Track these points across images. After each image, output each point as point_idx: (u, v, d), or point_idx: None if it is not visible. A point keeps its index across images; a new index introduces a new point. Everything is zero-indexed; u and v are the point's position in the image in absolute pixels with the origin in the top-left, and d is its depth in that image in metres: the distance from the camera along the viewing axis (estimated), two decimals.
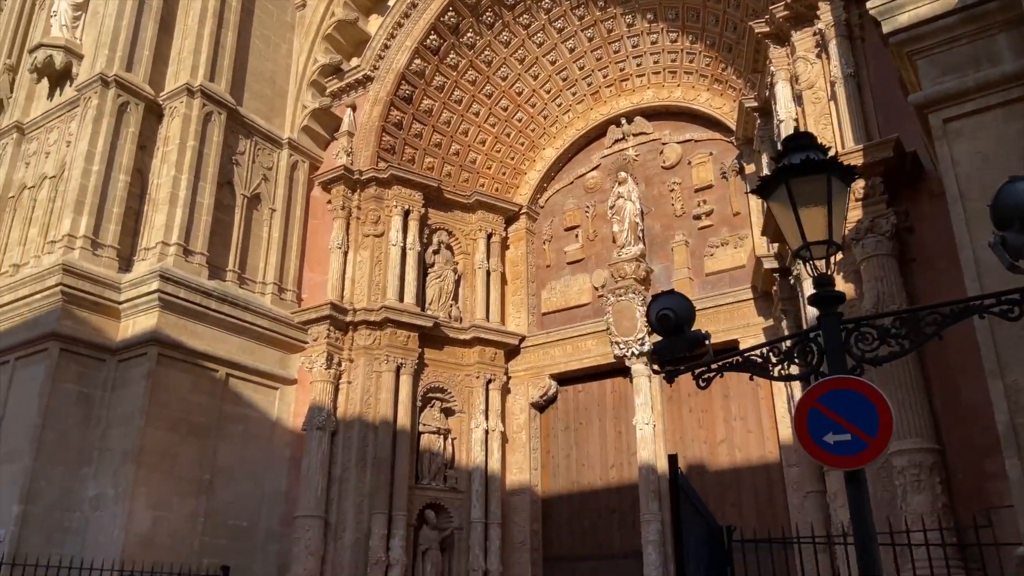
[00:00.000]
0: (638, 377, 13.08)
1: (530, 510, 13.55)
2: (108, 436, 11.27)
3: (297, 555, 11.76)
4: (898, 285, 8.65)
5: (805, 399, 4.03)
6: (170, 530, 11.19)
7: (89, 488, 11.06)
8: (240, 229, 13.56)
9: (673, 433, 12.95)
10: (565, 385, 14.33)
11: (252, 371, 12.97)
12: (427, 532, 12.67)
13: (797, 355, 4.30)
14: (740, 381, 12.58)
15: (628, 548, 12.68)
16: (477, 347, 14.04)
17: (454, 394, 13.78)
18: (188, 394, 11.94)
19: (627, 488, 12.98)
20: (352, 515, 12.14)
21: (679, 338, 4.32)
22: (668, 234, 13.92)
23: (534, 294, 15.17)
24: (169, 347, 11.72)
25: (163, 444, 11.37)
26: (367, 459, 12.50)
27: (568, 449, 13.96)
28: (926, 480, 7.68)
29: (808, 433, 4.00)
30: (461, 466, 13.40)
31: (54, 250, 11.77)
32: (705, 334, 4.46)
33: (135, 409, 11.22)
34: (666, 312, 4.27)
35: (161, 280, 11.60)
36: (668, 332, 4.33)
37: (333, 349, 13.13)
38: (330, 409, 12.73)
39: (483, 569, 12.68)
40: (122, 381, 11.58)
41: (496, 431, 13.72)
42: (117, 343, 11.76)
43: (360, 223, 14.09)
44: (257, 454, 12.72)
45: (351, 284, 13.74)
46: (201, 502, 11.69)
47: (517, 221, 15.52)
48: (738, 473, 12.18)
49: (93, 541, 10.64)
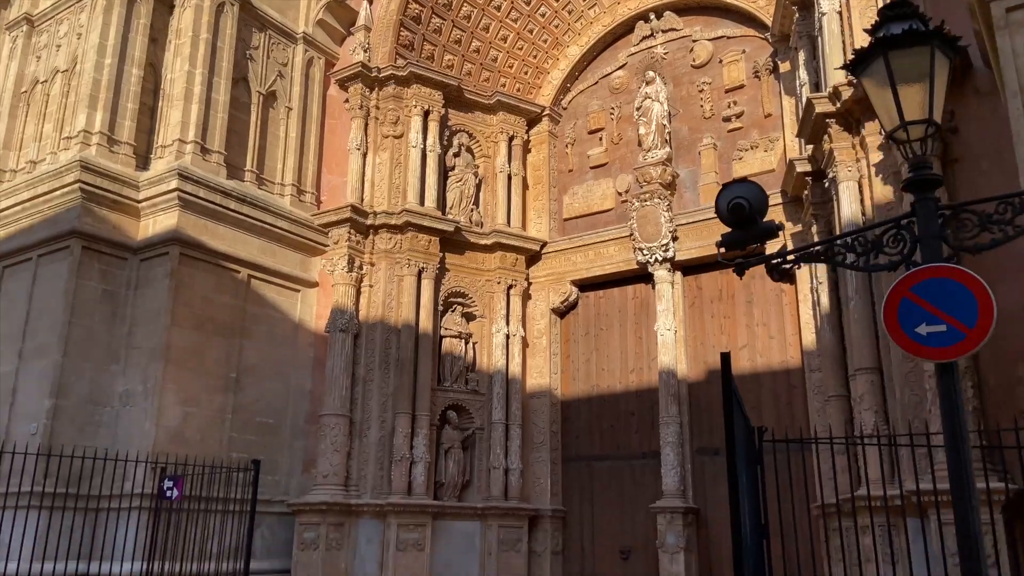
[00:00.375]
0: (661, 283, 12.98)
1: (549, 412, 13.73)
2: (134, 334, 11.36)
3: (323, 451, 12.02)
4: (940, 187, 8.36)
5: (897, 289, 3.85)
6: (199, 425, 11.42)
7: (118, 384, 11.23)
8: (257, 128, 13.27)
9: (694, 339, 12.95)
10: (586, 291, 14.28)
11: (273, 273, 12.94)
12: (449, 432, 12.90)
13: (887, 244, 4.08)
14: (764, 287, 12.49)
15: (646, 449, 12.90)
16: (498, 252, 13.93)
17: (475, 299, 13.77)
18: (211, 294, 11.96)
19: (646, 392, 13.09)
20: (376, 414, 12.34)
21: (752, 229, 4.10)
22: (696, 137, 13.53)
23: (556, 199, 14.93)
24: (190, 247, 11.65)
25: (189, 342, 11.46)
26: (390, 361, 12.61)
27: (588, 354, 14.03)
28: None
29: (898, 324, 3.84)
30: (482, 369, 13.51)
31: (70, 146, 11.57)
32: (779, 225, 4.26)
33: (160, 308, 11.26)
34: (740, 201, 4.04)
35: (180, 179, 11.42)
36: (740, 223, 4.11)
37: (354, 252, 13.04)
38: (352, 312, 12.75)
39: (503, 467, 12.96)
40: (145, 280, 11.59)
41: (517, 336, 13.75)
42: (138, 242, 11.70)
43: (379, 123, 13.75)
44: (281, 354, 12.84)
45: (371, 186, 13.53)
46: (228, 399, 11.89)
47: (539, 123, 15.11)
48: (758, 378, 12.22)
49: (125, 435, 10.87)
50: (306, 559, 11.46)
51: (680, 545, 11.66)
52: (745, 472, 5.45)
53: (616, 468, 13.17)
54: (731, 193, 4.13)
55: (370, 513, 11.82)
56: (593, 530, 13.10)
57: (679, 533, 11.69)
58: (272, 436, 12.52)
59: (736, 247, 4.18)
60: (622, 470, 13.10)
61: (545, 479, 13.37)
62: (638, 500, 12.67)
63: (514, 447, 13.13)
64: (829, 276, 10.58)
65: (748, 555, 4.00)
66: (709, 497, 12.13)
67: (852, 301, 9.14)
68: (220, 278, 12.14)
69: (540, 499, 13.25)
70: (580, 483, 13.45)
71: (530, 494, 13.25)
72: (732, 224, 4.15)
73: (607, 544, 12.89)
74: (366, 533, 11.76)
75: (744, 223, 4.10)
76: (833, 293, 10.56)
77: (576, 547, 13.18)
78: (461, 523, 12.48)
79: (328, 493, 11.68)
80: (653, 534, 12.08)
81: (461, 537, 12.42)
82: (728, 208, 4.09)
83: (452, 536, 12.33)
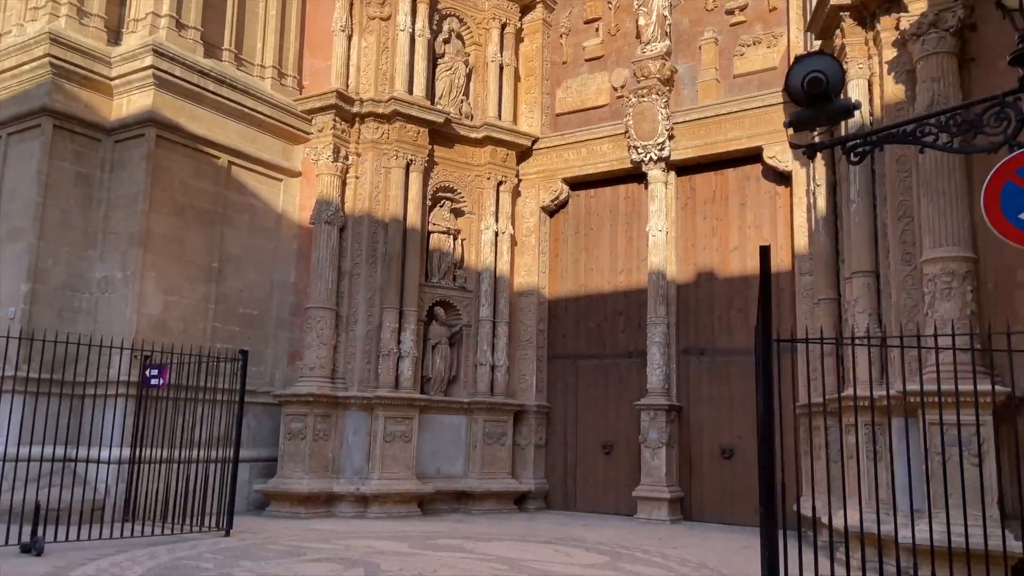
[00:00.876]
0: (654, 183, 12.74)
1: (537, 311, 13.70)
2: (111, 218, 10.95)
3: (310, 344, 11.91)
4: (955, 87, 8.11)
5: (1000, 172, 3.61)
6: (182, 314, 11.21)
7: (96, 270, 10.90)
8: (235, 5, 12.47)
9: (685, 241, 12.83)
10: (577, 190, 13.99)
11: (254, 160, 12.46)
12: (436, 327, 12.84)
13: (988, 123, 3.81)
14: (759, 189, 12.33)
15: (632, 348, 12.98)
16: (488, 147, 13.51)
17: (464, 195, 13.44)
18: (190, 179, 11.51)
19: (635, 293, 13.06)
20: (363, 308, 12.19)
21: (828, 107, 3.79)
22: (696, 30, 12.99)
23: (548, 93, 14.40)
24: (167, 129, 11.11)
25: (169, 229, 11.10)
26: (377, 255, 12.37)
27: (577, 254, 13.89)
28: (957, 288, 7.60)
29: (1000, 210, 3.62)
30: (470, 266, 13.34)
31: (37, 17, 10.78)
32: (856, 103, 3.97)
33: (137, 192, 10.82)
34: (818, 75, 3.71)
35: (155, 55, 10.75)
36: (815, 100, 3.79)
37: (339, 141, 12.56)
38: (338, 204, 12.39)
39: (490, 363, 13.00)
40: (120, 163, 11.08)
41: (506, 233, 13.54)
42: (112, 122, 11.11)
43: (364, 3, 12.99)
44: (264, 244, 12.54)
45: (356, 72, 12.90)
46: (211, 288, 11.64)
47: (533, 11, 14.40)
48: (747, 280, 12.19)
49: (105, 322, 10.64)
50: (293, 448, 11.53)
51: (662, 441, 11.91)
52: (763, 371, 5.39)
53: (601, 367, 13.28)
54: (807, 66, 3.80)
55: (357, 405, 11.85)
56: (576, 426, 13.32)
57: (662, 429, 11.92)
58: (256, 328, 12.37)
59: (807, 126, 3.89)
60: (607, 368, 13.21)
61: (531, 376, 13.47)
62: (622, 398, 12.84)
63: (501, 344, 13.15)
64: (827, 179, 10.42)
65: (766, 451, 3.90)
66: (692, 396, 12.33)
67: (855, 204, 9.00)
68: (199, 163, 11.66)
69: (525, 395, 13.38)
70: (565, 381, 13.58)
71: (515, 390, 13.37)
72: (806, 101, 3.81)
73: (590, 439, 13.14)
74: (353, 425, 11.83)
75: (819, 100, 3.77)
76: (831, 197, 10.42)
77: (559, 441, 13.43)
78: (447, 417, 12.60)
79: (315, 385, 11.65)
80: (635, 430, 12.32)
81: (447, 430, 12.57)
82: (805, 82, 3.74)
83: (438, 429, 12.47)
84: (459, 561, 7.96)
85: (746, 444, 11.69)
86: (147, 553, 7.87)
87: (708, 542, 9.82)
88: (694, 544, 9.60)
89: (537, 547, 9.07)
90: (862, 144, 4.05)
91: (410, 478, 11.78)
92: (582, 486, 13.10)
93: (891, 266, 8.49)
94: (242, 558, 7.77)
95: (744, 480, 11.56)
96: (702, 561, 8.34)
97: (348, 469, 11.72)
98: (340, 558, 7.92)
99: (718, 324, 12.38)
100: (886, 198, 8.67)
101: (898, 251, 8.40)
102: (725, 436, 11.94)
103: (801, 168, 11.50)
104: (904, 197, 8.44)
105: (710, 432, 12.10)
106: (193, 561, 7.54)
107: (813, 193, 10.75)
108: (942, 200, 7.84)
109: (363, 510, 11.45)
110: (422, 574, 7.19)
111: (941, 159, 7.76)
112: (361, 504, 11.49)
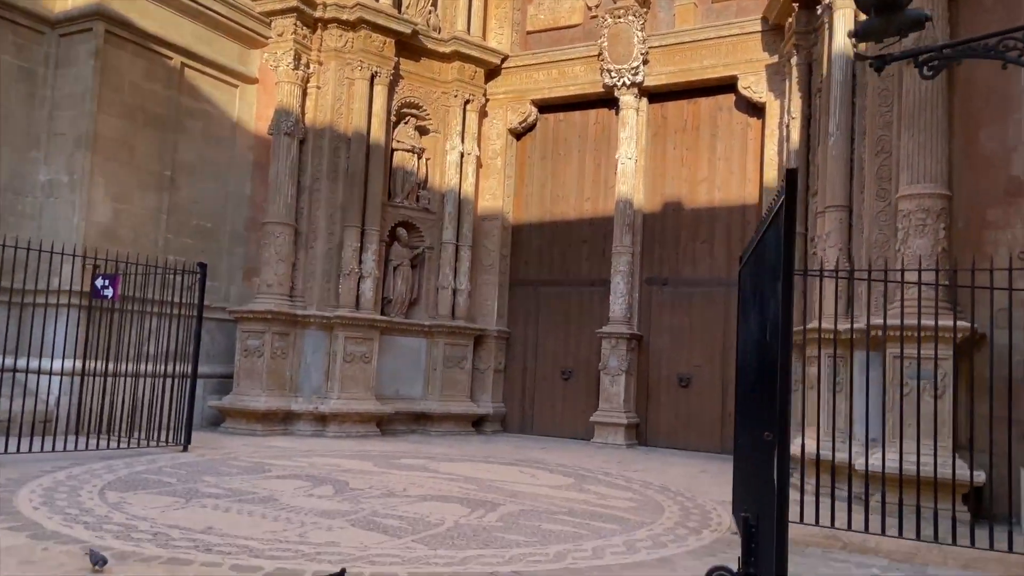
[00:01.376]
0: (626, 109, 12.51)
1: (500, 235, 13.51)
2: (56, 119, 10.22)
3: (267, 260, 11.51)
4: (944, 20, 8.03)
5: None
6: (132, 224, 10.67)
7: (40, 172, 10.23)
8: None
9: (654, 170, 12.72)
10: (546, 113, 13.66)
11: (209, 63, 11.76)
12: (398, 249, 12.56)
13: None
14: (731, 120, 12.23)
15: (595, 277, 12.95)
16: (456, 62, 13.02)
17: (430, 112, 12.98)
18: (141, 81, 10.79)
19: (601, 221, 12.95)
20: (324, 226, 11.80)
21: (898, 16, 3.55)
22: None
23: (519, 9, 13.87)
24: (116, 24, 10.33)
25: (118, 132, 10.44)
26: (339, 171, 11.92)
27: (544, 179, 13.66)
28: (931, 225, 7.69)
29: None
30: (434, 188, 13.00)
31: None
32: (927, 14, 3.74)
33: (84, 91, 10.10)
34: None
35: None
36: (884, 8, 3.54)
37: (300, 48, 11.89)
38: (298, 115, 11.81)
39: (452, 287, 12.84)
40: (66, 59, 10.29)
41: (471, 155, 13.20)
42: (56, 15, 10.27)
43: None
44: (219, 154, 11.95)
45: None
46: (164, 198, 11.09)
47: None
48: (714, 212, 12.22)
49: (51, 228, 10.05)
50: (249, 365, 11.26)
51: (622, 368, 12.03)
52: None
53: (564, 294, 13.25)
54: None
55: (317, 325, 11.59)
56: (536, 352, 13.34)
57: (622, 357, 12.03)
58: (210, 241, 11.90)
59: (875, 38, 3.65)
60: (570, 296, 13.19)
61: (492, 301, 13.37)
62: (583, 326, 12.88)
63: (463, 268, 12.97)
64: (803, 111, 10.36)
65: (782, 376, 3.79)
66: (653, 325, 12.43)
67: (833, 137, 8.95)
68: (151, 63, 10.93)
69: (486, 320, 13.30)
70: (527, 307, 13.53)
71: (476, 315, 13.27)
72: (874, 8, 3.57)
73: (549, 365, 13.20)
74: (312, 344, 11.59)
75: (888, 8, 3.53)
76: (804, 130, 10.39)
77: (518, 367, 13.47)
78: (408, 339, 12.46)
79: (273, 302, 11.32)
80: (595, 358, 12.41)
81: (407, 352, 12.45)
82: None
83: (398, 351, 12.34)
84: (427, 480, 7.95)
85: (703, 373, 11.91)
86: (104, 466, 7.63)
87: (667, 466, 10.05)
88: (653, 468, 9.81)
89: (501, 468, 9.13)
90: (937, 56, 3.86)
91: (370, 399, 11.68)
92: (539, 410, 13.22)
93: (865, 201, 8.54)
94: (205, 473, 7.60)
95: (699, 408, 11.82)
96: (664, 485, 8.52)
97: (306, 388, 11.54)
98: (306, 475, 7.81)
99: (682, 255, 12.42)
100: (864, 132, 8.65)
101: (873, 186, 8.43)
102: (683, 365, 12.12)
103: (776, 100, 11.42)
104: (883, 132, 8.41)
105: (668, 361, 12.26)
106: (155, 475, 7.34)
107: (787, 126, 10.70)
108: (922, 135, 7.83)
109: (321, 429, 11.34)
110: (392, 491, 7.15)
111: (926, 94, 7.73)
112: (319, 423, 11.37)
